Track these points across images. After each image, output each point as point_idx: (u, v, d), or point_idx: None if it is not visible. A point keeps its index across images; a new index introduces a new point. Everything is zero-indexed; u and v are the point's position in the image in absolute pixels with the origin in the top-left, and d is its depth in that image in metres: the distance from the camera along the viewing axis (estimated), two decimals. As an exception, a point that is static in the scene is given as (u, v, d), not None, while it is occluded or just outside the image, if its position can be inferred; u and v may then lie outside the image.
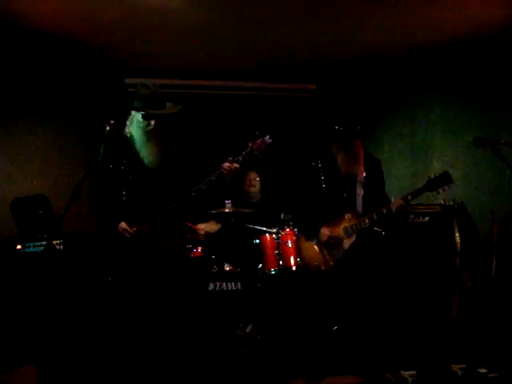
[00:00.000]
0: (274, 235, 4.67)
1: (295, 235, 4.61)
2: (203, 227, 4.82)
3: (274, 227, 4.69)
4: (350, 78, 6.11)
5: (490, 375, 3.30)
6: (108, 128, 3.29)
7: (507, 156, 3.48)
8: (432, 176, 3.59)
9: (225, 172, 3.26)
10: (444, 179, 3.55)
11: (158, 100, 3.32)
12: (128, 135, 3.40)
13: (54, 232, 4.28)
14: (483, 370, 3.34)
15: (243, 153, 3.29)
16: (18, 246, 4.23)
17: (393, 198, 4.31)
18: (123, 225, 3.32)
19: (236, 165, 3.26)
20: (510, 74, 4.99)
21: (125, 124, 3.44)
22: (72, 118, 5.66)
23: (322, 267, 3.78)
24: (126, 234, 3.31)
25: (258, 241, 4.80)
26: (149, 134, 3.36)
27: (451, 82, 5.51)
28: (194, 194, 3.29)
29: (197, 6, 4.14)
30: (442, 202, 4.67)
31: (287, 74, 6.02)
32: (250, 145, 3.28)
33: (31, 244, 4.27)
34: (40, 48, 5.00)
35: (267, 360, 3.75)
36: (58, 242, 4.26)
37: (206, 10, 4.21)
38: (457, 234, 4.52)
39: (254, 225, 4.87)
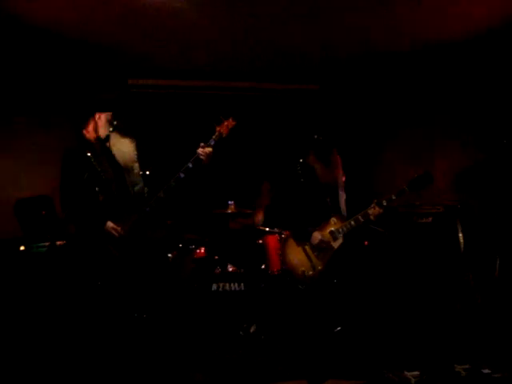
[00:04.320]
0: (277, 236, 4.67)
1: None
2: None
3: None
4: (351, 80, 6.11)
5: (493, 375, 3.29)
6: (111, 129, 3.33)
7: (509, 155, 3.49)
8: (414, 177, 3.68)
9: (201, 157, 3.41)
10: (425, 179, 3.66)
11: (125, 98, 3.48)
12: (93, 140, 3.45)
13: (57, 232, 4.28)
14: (487, 371, 3.33)
15: (213, 136, 3.48)
16: (22, 247, 4.23)
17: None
18: (110, 224, 3.33)
19: (209, 148, 3.44)
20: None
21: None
22: (75, 119, 5.66)
23: (310, 272, 3.82)
24: (115, 232, 3.31)
25: (261, 241, 4.80)
26: (121, 131, 3.45)
27: (453, 81, 5.51)
28: (173, 183, 3.39)
29: (199, 7, 4.15)
30: (446, 203, 4.68)
31: (289, 75, 6.03)
32: (217, 129, 3.49)
33: (35, 245, 4.28)
34: (43, 48, 5.02)
35: (270, 360, 3.74)
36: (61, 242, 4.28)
37: (207, 10, 4.21)
38: (460, 234, 4.52)
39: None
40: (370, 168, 5.85)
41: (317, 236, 3.82)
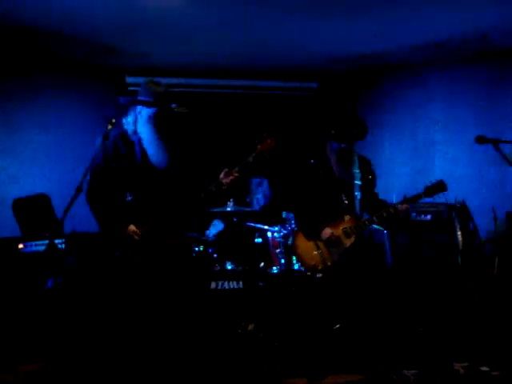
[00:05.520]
0: (276, 234, 4.67)
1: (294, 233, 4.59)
2: None
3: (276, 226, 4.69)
4: (351, 77, 6.11)
5: (492, 373, 3.30)
6: (110, 127, 3.29)
7: (509, 154, 3.50)
8: (429, 184, 3.73)
9: (223, 182, 3.31)
10: (440, 187, 3.73)
11: (169, 98, 3.35)
12: (130, 132, 3.35)
13: (55, 232, 4.27)
14: (485, 368, 3.34)
15: (253, 154, 3.34)
16: (20, 245, 4.23)
17: (394, 196, 4.35)
18: (132, 227, 3.27)
19: (235, 174, 3.31)
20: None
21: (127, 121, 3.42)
22: (74, 117, 5.66)
23: (320, 266, 3.82)
24: (136, 236, 3.27)
25: (260, 239, 4.80)
26: (159, 132, 3.34)
27: (453, 79, 5.51)
28: (191, 204, 3.33)
29: (198, 5, 4.14)
30: (444, 201, 4.68)
31: (289, 73, 6.02)
32: (258, 147, 3.35)
33: (33, 243, 4.27)
34: (41, 47, 5.01)
35: (269, 359, 3.74)
36: (59, 241, 4.28)
37: (206, 8, 4.21)
38: (459, 233, 4.52)
39: (255, 223, 4.88)
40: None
41: (327, 231, 3.81)
